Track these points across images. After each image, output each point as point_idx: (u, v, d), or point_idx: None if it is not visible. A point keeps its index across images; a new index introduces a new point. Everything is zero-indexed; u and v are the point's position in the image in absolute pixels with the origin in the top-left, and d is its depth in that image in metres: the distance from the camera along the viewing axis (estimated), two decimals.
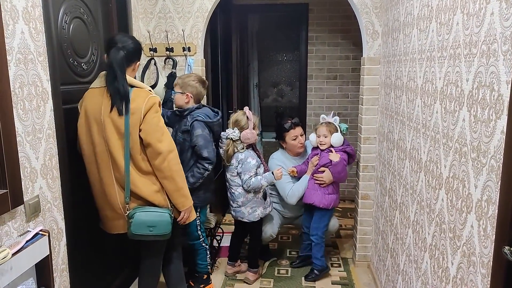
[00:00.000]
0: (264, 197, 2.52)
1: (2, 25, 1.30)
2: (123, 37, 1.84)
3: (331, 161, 2.51)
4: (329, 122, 2.58)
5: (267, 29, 4.92)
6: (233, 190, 2.48)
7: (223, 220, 3.66)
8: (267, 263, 2.85)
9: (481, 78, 1.13)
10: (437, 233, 1.45)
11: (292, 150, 2.72)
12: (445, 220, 1.37)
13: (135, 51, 1.84)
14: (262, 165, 2.51)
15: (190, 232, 2.40)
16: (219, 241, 2.93)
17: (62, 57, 1.83)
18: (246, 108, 2.49)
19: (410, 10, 1.89)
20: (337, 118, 2.60)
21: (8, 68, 1.33)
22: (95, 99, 1.76)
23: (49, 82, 1.60)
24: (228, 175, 2.50)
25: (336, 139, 2.51)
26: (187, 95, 2.28)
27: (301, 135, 2.73)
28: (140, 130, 1.74)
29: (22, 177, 1.41)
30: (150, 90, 1.83)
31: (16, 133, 1.38)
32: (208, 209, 2.98)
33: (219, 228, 3.05)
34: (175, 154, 1.82)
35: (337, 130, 2.55)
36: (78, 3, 1.96)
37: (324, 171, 2.55)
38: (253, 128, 2.44)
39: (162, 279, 2.17)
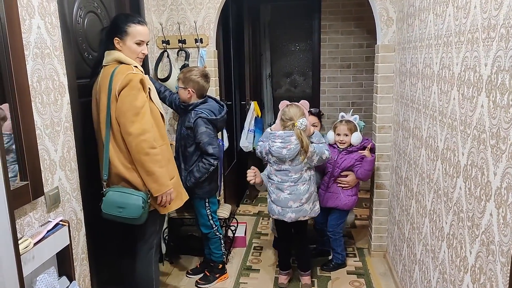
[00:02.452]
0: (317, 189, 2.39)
1: (19, 20, 1.32)
2: None
3: (354, 163, 2.48)
4: (349, 121, 2.54)
5: (279, 19, 4.88)
6: (299, 187, 2.22)
7: (237, 211, 3.69)
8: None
9: (500, 63, 1.09)
10: (455, 222, 1.43)
11: None
12: (463, 208, 1.35)
13: (110, 27, 1.86)
14: None
15: (202, 222, 2.44)
16: (234, 231, 2.95)
17: (78, 51, 1.86)
18: (300, 102, 2.28)
19: None
20: (356, 116, 2.57)
21: (26, 62, 1.36)
22: (96, 77, 1.82)
23: (66, 76, 1.63)
24: (292, 176, 2.21)
25: (356, 138, 2.48)
26: (188, 90, 2.27)
27: (312, 125, 2.70)
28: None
29: (42, 169, 1.44)
30: (135, 66, 1.77)
31: (35, 126, 1.41)
32: (223, 200, 3.01)
33: (234, 219, 3.08)
34: (147, 137, 1.69)
35: (357, 129, 2.51)
36: None
37: (347, 175, 2.51)
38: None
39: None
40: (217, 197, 2.56)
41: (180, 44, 2.68)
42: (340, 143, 2.53)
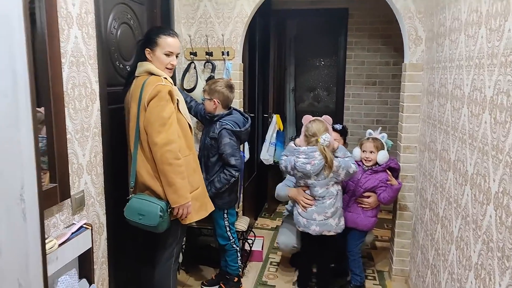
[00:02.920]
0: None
1: (59, 30, 1.39)
2: None
3: (378, 184, 2.43)
4: (376, 138, 2.50)
5: (305, 34, 4.91)
6: (323, 201, 2.24)
7: (255, 224, 3.67)
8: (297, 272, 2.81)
9: None
10: (484, 251, 1.37)
11: None
12: (493, 238, 1.29)
13: (144, 38, 1.91)
14: None
15: (220, 234, 2.44)
16: (251, 245, 2.93)
17: (110, 60, 1.92)
18: (323, 117, 2.30)
19: (457, 15, 1.81)
20: (384, 135, 2.53)
21: (62, 70, 1.42)
22: (129, 86, 1.87)
23: (98, 83, 1.69)
24: (318, 190, 2.23)
25: (383, 156, 2.44)
26: (214, 101, 2.31)
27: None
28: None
29: (70, 172, 1.49)
30: (165, 78, 1.80)
31: (67, 131, 1.46)
32: (241, 212, 3.00)
33: (251, 232, 3.06)
34: (171, 148, 1.72)
35: (384, 147, 2.47)
36: (126, 9, 2.05)
37: (369, 196, 2.46)
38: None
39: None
40: (236, 209, 2.55)
41: (207, 56, 2.73)
42: (365, 160, 2.49)
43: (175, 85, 1.96)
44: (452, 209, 1.74)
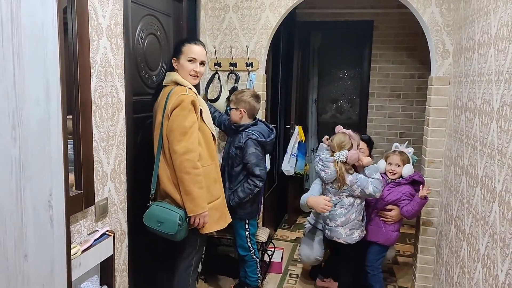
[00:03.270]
0: (363, 218, 2.36)
1: (89, 41, 1.44)
2: None
3: (401, 197, 2.39)
4: (402, 152, 2.48)
5: (329, 46, 4.88)
6: (335, 208, 2.31)
7: (275, 235, 3.64)
8: None
9: None
10: None
11: None
12: None
13: (174, 48, 1.99)
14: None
15: (240, 244, 2.43)
16: (270, 256, 2.91)
17: (136, 70, 1.98)
18: (348, 131, 2.33)
19: (486, 29, 1.76)
20: (411, 149, 2.51)
21: (91, 79, 1.47)
22: (157, 95, 1.93)
23: (124, 93, 1.74)
24: (332, 197, 2.32)
25: (408, 170, 2.41)
26: (240, 110, 2.33)
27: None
28: None
29: (94, 180, 1.53)
30: (190, 88, 1.84)
31: (93, 139, 1.51)
32: (261, 223, 2.99)
33: (271, 243, 3.04)
34: (190, 157, 1.74)
35: (409, 161, 2.45)
36: (153, 21, 2.11)
37: (391, 209, 2.41)
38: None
39: None
40: (257, 219, 2.54)
41: (231, 67, 2.76)
42: (390, 173, 2.45)
43: (199, 94, 1.99)
44: (479, 226, 1.68)
